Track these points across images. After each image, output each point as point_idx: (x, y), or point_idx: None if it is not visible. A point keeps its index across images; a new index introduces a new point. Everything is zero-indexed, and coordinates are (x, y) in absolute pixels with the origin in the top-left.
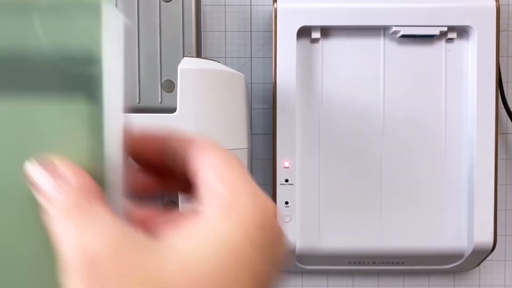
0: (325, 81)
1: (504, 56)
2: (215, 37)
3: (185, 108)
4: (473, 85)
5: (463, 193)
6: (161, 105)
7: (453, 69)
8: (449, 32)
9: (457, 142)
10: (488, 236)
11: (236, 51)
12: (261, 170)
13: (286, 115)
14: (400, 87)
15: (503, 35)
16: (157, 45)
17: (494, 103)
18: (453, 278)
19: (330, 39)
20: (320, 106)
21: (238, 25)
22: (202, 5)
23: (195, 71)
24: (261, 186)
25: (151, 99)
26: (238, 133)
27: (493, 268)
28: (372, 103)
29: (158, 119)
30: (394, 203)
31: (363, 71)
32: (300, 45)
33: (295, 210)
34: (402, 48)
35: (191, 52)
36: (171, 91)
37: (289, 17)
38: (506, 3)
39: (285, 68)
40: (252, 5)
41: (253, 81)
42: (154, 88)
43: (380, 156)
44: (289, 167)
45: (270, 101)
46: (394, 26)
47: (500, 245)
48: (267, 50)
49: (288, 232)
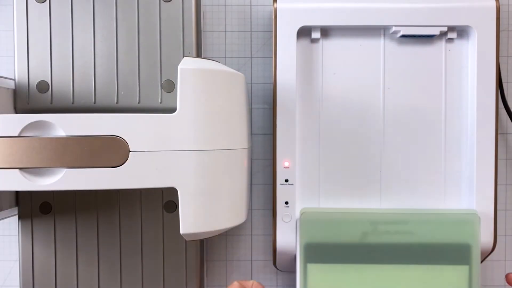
0: (325, 81)
1: (504, 56)
2: (215, 37)
3: (185, 108)
4: (473, 85)
5: (464, 193)
6: (161, 105)
7: (453, 69)
8: (449, 32)
9: (457, 142)
10: (488, 236)
11: (236, 51)
12: (261, 170)
13: (286, 115)
14: (400, 87)
15: (503, 35)
16: (157, 45)
17: (494, 103)
18: None
19: (330, 39)
20: (320, 106)
21: (238, 25)
22: (202, 5)
23: (195, 71)
24: (261, 186)
25: (151, 99)
26: (238, 133)
27: (493, 268)
28: (372, 103)
29: (158, 119)
30: (394, 203)
31: (363, 71)
32: (300, 45)
33: (295, 210)
34: (402, 48)
35: (191, 52)
36: (171, 91)
37: (289, 17)
38: (506, 3)
39: (285, 68)
40: (252, 5)
41: (253, 81)
42: (154, 88)
43: (380, 156)
44: (289, 167)
45: (270, 101)
46: (394, 26)
47: (500, 245)
48: (267, 50)
49: (288, 232)
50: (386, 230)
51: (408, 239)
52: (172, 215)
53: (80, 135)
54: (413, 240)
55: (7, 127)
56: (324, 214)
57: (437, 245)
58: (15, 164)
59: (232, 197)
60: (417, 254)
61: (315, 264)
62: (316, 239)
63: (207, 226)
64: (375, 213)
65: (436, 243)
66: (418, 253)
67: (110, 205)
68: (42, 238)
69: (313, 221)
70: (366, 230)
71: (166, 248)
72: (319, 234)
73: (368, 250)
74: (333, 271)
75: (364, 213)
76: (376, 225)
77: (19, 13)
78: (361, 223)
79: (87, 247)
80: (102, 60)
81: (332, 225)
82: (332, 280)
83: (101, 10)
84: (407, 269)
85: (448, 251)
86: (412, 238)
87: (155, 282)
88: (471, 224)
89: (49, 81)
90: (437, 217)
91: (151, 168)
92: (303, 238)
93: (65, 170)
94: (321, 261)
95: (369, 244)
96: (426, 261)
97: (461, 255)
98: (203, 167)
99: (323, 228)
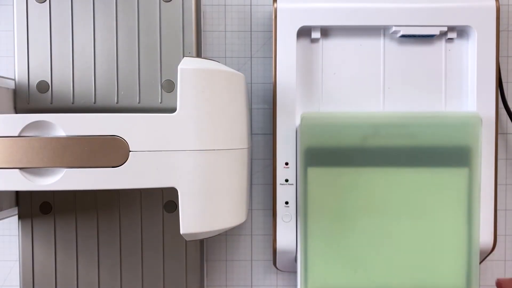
0: (325, 81)
1: (504, 56)
2: (215, 37)
3: (185, 108)
4: (473, 85)
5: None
6: (161, 105)
7: (453, 69)
8: (449, 32)
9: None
10: (488, 236)
11: (236, 51)
12: (261, 170)
13: (286, 115)
14: (400, 87)
15: (503, 35)
16: (157, 45)
17: (494, 103)
18: None
19: (330, 39)
20: (320, 106)
21: (238, 25)
22: (202, 5)
23: (195, 71)
24: (261, 186)
25: (151, 99)
26: (238, 133)
27: (493, 268)
28: (372, 103)
29: (158, 119)
30: None
31: (363, 71)
32: (300, 45)
33: (295, 210)
34: (402, 48)
35: (191, 52)
36: (171, 91)
37: (289, 17)
38: (506, 3)
39: (285, 68)
40: (252, 5)
41: (253, 81)
42: (154, 88)
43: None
44: (289, 167)
45: (270, 101)
46: (394, 26)
47: (500, 245)
48: (267, 50)
49: (288, 232)
50: (386, 133)
51: (408, 142)
52: (172, 215)
53: (80, 135)
54: (413, 142)
55: (7, 127)
56: (324, 118)
57: (437, 147)
58: (15, 164)
59: (232, 197)
60: (418, 157)
61: (315, 168)
62: (317, 143)
63: (207, 226)
64: (376, 116)
65: (436, 145)
66: (418, 156)
67: (110, 205)
68: (42, 238)
69: (313, 125)
70: (366, 133)
71: (166, 248)
72: (319, 138)
73: (368, 153)
74: (333, 174)
75: (365, 116)
76: (377, 128)
77: (19, 13)
78: (362, 126)
79: (87, 247)
80: (102, 60)
81: (332, 128)
82: (332, 183)
83: (101, 10)
84: (407, 172)
85: (448, 153)
86: (413, 140)
87: (155, 282)
88: (472, 126)
89: (49, 81)
90: (438, 119)
91: (151, 168)
92: (303, 142)
93: (65, 170)
94: (321, 165)
95: (370, 147)
96: (426, 163)
97: (461, 158)
98: (203, 167)
99: (324, 132)
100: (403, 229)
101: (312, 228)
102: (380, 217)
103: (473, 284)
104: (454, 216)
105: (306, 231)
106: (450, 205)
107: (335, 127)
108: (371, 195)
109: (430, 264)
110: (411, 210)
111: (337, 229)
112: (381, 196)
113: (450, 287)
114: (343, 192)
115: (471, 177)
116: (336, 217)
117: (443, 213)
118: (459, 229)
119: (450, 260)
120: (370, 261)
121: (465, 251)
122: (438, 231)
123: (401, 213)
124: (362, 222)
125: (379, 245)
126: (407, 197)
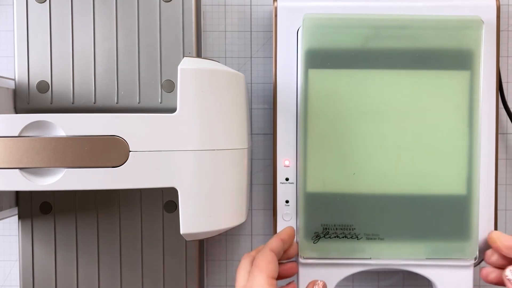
0: None
1: (504, 56)
2: (215, 37)
3: (185, 108)
4: None
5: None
6: (161, 105)
7: None
8: None
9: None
10: None
11: (236, 51)
12: (261, 170)
13: (286, 115)
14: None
15: (503, 35)
16: (157, 45)
17: (494, 103)
18: None
19: None
20: None
21: (238, 25)
22: (202, 5)
23: (195, 71)
24: (261, 185)
25: (151, 99)
26: (238, 133)
27: None
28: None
29: (158, 119)
30: None
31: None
32: None
33: (295, 208)
34: None
35: (191, 52)
36: (171, 91)
37: (289, 16)
38: (506, 3)
39: (285, 68)
40: (252, 5)
41: (253, 81)
42: (154, 88)
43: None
44: (289, 166)
45: (270, 101)
46: None
47: None
48: (267, 50)
49: None
50: (388, 34)
51: (410, 44)
52: (172, 215)
53: (80, 135)
54: (415, 45)
55: (7, 127)
56: (326, 19)
57: (439, 50)
58: (15, 164)
59: (232, 197)
60: (419, 59)
61: (316, 70)
62: (318, 45)
63: (207, 226)
64: (378, 18)
65: (438, 48)
66: (420, 58)
67: (110, 205)
68: (42, 238)
69: (315, 26)
70: (368, 35)
71: (166, 248)
72: (321, 39)
73: (370, 55)
74: (334, 76)
75: (367, 18)
76: (378, 29)
77: (19, 13)
78: (364, 27)
79: (87, 247)
80: (102, 60)
81: (334, 30)
82: (332, 85)
83: (101, 10)
84: (409, 74)
85: (450, 56)
86: (415, 42)
87: (155, 282)
88: (474, 29)
89: (49, 81)
90: (440, 22)
91: (151, 168)
92: (305, 44)
93: (65, 170)
94: (322, 67)
95: (372, 49)
96: (427, 66)
97: (463, 61)
98: (203, 167)
99: (326, 33)
100: (403, 132)
101: (312, 131)
102: (380, 120)
103: (473, 188)
104: (455, 119)
105: (306, 134)
106: (451, 108)
107: (337, 28)
108: (371, 98)
109: (430, 168)
110: (412, 113)
111: (337, 132)
112: (382, 99)
113: (450, 191)
114: (343, 95)
115: (472, 79)
116: (335, 120)
117: (444, 116)
118: (460, 132)
119: (450, 164)
120: (368, 165)
121: (466, 155)
122: (438, 135)
123: (401, 116)
124: (362, 125)
125: (378, 149)
126: (408, 100)
